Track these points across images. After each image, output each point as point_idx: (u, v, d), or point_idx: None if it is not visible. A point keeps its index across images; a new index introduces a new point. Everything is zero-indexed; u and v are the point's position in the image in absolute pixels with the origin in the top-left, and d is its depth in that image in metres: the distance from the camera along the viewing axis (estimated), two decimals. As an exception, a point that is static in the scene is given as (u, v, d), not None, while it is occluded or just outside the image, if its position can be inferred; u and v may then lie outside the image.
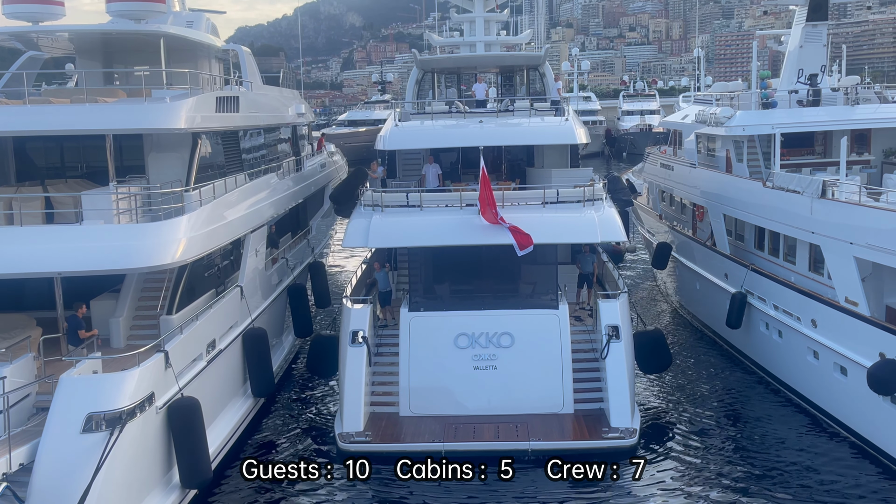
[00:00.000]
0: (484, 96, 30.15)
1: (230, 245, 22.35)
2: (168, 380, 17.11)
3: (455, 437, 19.75)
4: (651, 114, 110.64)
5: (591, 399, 21.15)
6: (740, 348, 26.13)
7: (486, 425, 20.21)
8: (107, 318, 20.09)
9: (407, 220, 22.82)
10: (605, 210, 22.60)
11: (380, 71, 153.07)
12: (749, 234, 27.23)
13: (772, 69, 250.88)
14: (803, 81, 28.21)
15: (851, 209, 20.25)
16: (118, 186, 19.85)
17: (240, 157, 25.82)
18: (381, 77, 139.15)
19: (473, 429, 20.10)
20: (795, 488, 17.90)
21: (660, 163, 35.01)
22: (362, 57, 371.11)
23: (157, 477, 16.66)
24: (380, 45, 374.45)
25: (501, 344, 21.29)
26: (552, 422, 20.34)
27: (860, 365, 19.20)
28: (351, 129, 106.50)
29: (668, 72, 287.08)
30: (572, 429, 20.06)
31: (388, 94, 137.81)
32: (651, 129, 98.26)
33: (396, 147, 26.77)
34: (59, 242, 17.69)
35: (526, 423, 20.22)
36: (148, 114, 20.36)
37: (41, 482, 14.30)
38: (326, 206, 36.36)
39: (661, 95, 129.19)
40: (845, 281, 20.32)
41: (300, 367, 27.14)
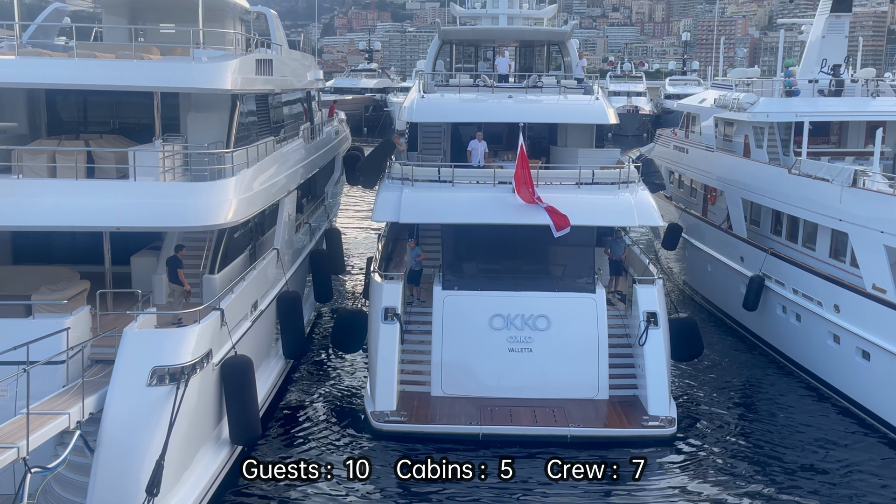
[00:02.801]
0: (507, 70, 29.99)
1: (268, 208, 22.47)
2: (223, 337, 17.35)
3: (492, 420, 19.46)
4: (638, 95, 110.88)
5: (626, 385, 20.97)
6: (755, 331, 26.76)
7: (521, 409, 19.95)
8: (147, 274, 20.18)
9: (440, 195, 22.38)
10: (639, 193, 22.42)
11: (367, 39, 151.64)
12: (766, 219, 27.82)
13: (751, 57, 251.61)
14: (826, 71, 28.74)
15: (884, 199, 20.83)
16: (165, 144, 19.89)
17: (269, 121, 25.85)
18: (368, 45, 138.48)
19: (510, 412, 19.82)
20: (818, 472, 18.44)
21: (673, 145, 35.46)
22: (343, 24, 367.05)
23: (208, 432, 16.92)
24: (361, 13, 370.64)
25: (537, 326, 21.06)
26: (588, 407, 20.15)
27: (887, 351, 19.87)
28: (337, 96, 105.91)
29: (649, 54, 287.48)
30: (610, 415, 19.90)
31: (374, 63, 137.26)
32: (637, 111, 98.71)
33: (425, 119, 26.41)
34: (113, 197, 17.72)
35: (563, 408, 20.00)
36: (195, 73, 20.28)
37: (110, 433, 14.52)
38: (337, 172, 36.45)
39: (648, 78, 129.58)
40: (874, 268, 20.94)
41: (320, 332, 27.40)
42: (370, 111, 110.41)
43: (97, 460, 14.37)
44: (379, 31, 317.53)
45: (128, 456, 14.38)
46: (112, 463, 14.34)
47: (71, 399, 14.49)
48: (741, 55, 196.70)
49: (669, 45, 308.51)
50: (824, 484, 17.73)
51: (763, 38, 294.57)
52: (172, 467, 14.71)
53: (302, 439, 19.47)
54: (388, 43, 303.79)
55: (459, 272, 22.39)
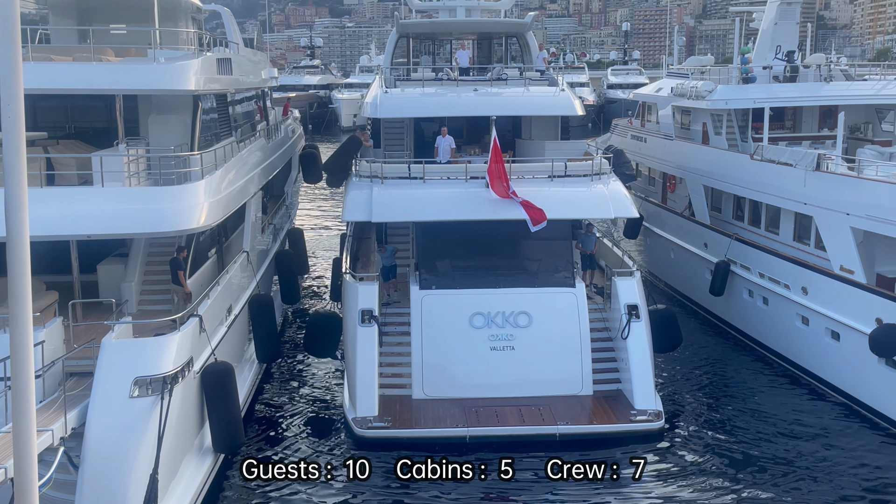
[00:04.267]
0: (468, 63, 29.82)
1: (236, 211, 22.06)
2: (203, 344, 16.98)
3: (478, 421, 18.96)
4: (580, 86, 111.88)
5: (609, 380, 20.77)
6: (722, 316, 27.15)
7: (507, 409, 19.51)
8: (114, 282, 19.70)
9: (412, 192, 21.93)
10: (612, 184, 22.30)
11: (306, 35, 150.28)
12: (727, 205, 28.22)
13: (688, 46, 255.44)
14: (780, 58, 29.23)
15: (849, 181, 21.26)
16: (129, 148, 19.37)
17: (230, 121, 25.37)
18: (310, 42, 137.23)
19: (496, 413, 19.35)
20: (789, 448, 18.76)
21: (630, 134, 35.77)
22: (281, 20, 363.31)
23: (191, 442, 16.55)
24: (299, 9, 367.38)
25: (518, 323, 20.66)
26: (574, 404, 19.84)
27: (856, 330, 20.31)
28: (280, 94, 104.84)
29: (588, 45, 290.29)
30: (597, 411, 19.61)
31: (316, 60, 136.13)
32: (582, 102, 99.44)
33: (390, 115, 25.95)
34: (80, 205, 17.18)
35: (548, 405, 19.64)
36: (158, 74, 19.77)
37: (95, 448, 14.10)
38: (295, 171, 35.99)
39: (589, 68, 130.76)
40: (841, 250, 21.38)
41: (291, 334, 27.02)
42: (314, 108, 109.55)
43: (83, 476, 13.94)
44: (318, 26, 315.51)
45: (115, 471, 13.98)
46: (99, 479, 13.92)
47: (52, 415, 14.00)
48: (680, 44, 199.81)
49: (607, 35, 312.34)
50: (809, 467, 17.97)
51: (698, 27, 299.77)
52: (161, 479, 14.33)
53: (284, 445, 19.12)
54: (328, 39, 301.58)
55: (436, 271, 21.90)
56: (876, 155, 23.70)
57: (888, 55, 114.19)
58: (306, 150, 35.85)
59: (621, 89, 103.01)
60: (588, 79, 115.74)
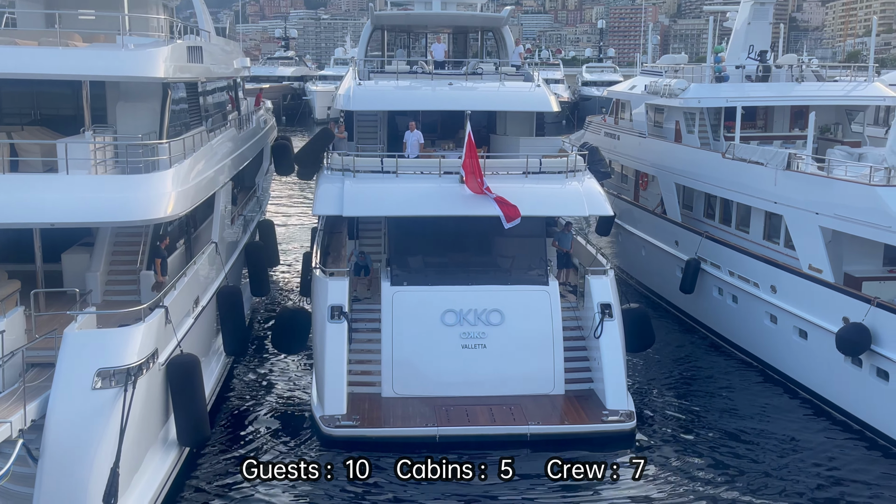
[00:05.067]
0: (443, 57, 29.61)
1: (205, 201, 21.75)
2: (168, 336, 16.71)
3: (448, 421, 18.66)
4: (555, 83, 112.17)
5: (580, 379, 20.54)
6: (691, 313, 27.26)
7: (478, 408, 19.25)
8: (79, 271, 19.37)
9: (384, 186, 21.61)
10: (587, 182, 22.14)
11: (281, 26, 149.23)
12: (699, 203, 28.33)
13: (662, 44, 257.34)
14: (753, 57, 29.37)
15: (819, 181, 21.38)
16: (96, 136, 19.01)
17: (200, 110, 25.02)
18: (284, 33, 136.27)
19: (466, 412, 19.09)
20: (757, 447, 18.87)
21: (603, 131, 35.81)
22: (255, 11, 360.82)
23: (155, 435, 16.29)
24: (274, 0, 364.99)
25: (490, 321, 20.37)
26: (545, 404, 19.60)
27: (823, 329, 20.44)
28: (254, 84, 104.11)
29: (564, 41, 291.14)
30: (568, 411, 19.41)
31: (290, 51, 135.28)
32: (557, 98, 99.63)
33: (363, 107, 25.67)
34: (45, 192, 16.81)
35: (519, 405, 19.42)
36: (126, 60, 19.39)
37: (55, 441, 13.79)
38: (266, 163, 35.63)
39: (564, 65, 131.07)
40: (810, 249, 21.51)
41: (260, 327, 26.76)
42: (288, 100, 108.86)
43: (42, 469, 13.64)
44: (293, 18, 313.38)
45: (76, 464, 13.68)
46: (58, 472, 13.62)
47: (11, 406, 13.70)
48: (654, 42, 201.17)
49: (583, 32, 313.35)
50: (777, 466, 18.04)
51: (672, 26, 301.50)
52: (122, 473, 14.07)
53: (251, 440, 18.90)
54: (303, 31, 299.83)
55: (408, 267, 21.58)
56: (845, 155, 23.87)
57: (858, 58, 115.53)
58: (278, 141, 35.50)
59: (595, 87, 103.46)
60: (563, 76, 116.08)
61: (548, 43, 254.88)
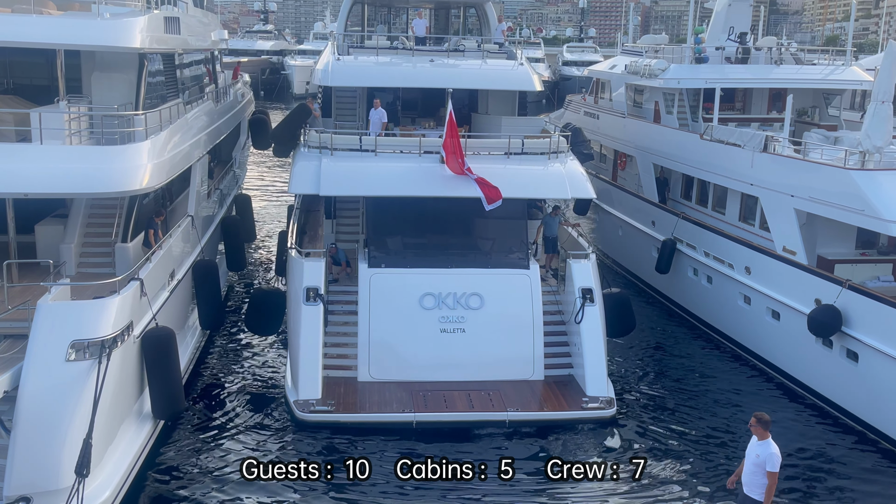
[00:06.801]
0: (424, 33, 29.35)
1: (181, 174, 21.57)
2: (143, 308, 16.61)
3: (426, 406, 18.35)
4: (536, 62, 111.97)
5: (560, 365, 20.31)
6: (667, 293, 27.45)
7: (456, 393, 18.97)
8: (53, 243, 19.19)
9: (363, 165, 21.24)
10: (569, 164, 21.88)
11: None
12: (676, 184, 28.47)
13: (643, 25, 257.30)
14: (733, 39, 29.45)
15: (794, 163, 21.54)
16: (70, 106, 18.78)
17: (176, 82, 24.77)
18: (263, 6, 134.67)
19: (444, 397, 18.81)
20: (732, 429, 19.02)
21: (583, 111, 35.83)
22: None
23: (129, 407, 16.23)
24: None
25: (470, 305, 20.07)
26: (525, 389, 19.34)
27: (795, 310, 20.67)
28: (231, 58, 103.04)
29: (545, 20, 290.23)
30: (547, 397, 19.16)
31: (269, 25, 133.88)
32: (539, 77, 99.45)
33: (342, 83, 25.23)
34: (18, 162, 16.62)
35: (498, 390, 19.17)
36: (102, 29, 19.12)
37: (28, 412, 13.68)
38: (244, 137, 35.37)
39: (545, 44, 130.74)
40: (784, 231, 21.70)
41: (235, 303, 26.65)
42: (267, 74, 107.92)
43: (14, 441, 13.55)
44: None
45: (49, 435, 13.62)
46: (32, 443, 13.55)
47: (-17, 377, 13.60)
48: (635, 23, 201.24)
49: (564, 11, 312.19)
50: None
51: (654, 7, 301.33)
52: (96, 445, 14.02)
53: (225, 414, 18.83)
54: (283, 4, 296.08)
55: (386, 248, 21.29)
56: (821, 139, 24.05)
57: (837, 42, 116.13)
58: (256, 115, 35.23)
59: (576, 66, 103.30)
60: (544, 55, 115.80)
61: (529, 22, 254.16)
